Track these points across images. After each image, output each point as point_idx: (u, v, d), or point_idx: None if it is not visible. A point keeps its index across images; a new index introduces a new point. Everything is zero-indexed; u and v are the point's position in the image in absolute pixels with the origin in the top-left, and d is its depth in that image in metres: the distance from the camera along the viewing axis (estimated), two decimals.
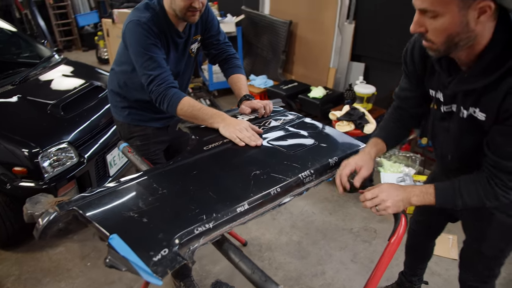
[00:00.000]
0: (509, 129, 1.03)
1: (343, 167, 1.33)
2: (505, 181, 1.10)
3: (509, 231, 1.35)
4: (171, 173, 1.30)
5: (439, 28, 0.99)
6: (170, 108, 1.58)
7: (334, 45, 3.91)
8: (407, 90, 1.40)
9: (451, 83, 1.13)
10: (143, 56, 1.55)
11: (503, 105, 1.01)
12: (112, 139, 2.74)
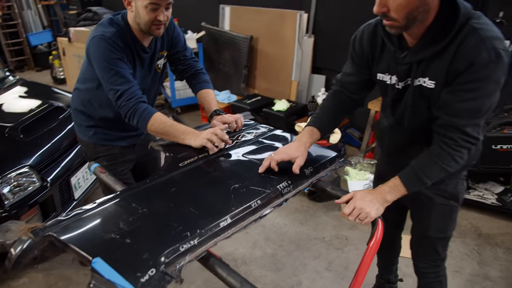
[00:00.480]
0: (458, 87, 1.14)
1: (277, 153, 1.37)
2: (457, 139, 1.19)
3: (447, 211, 1.48)
4: (149, 192, 1.28)
5: (402, 3, 1.08)
6: (141, 124, 1.55)
7: (295, 59, 4.02)
8: (352, 75, 1.47)
9: (406, 56, 1.24)
10: (109, 71, 1.52)
11: (450, 67, 1.14)
12: (76, 161, 2.64)
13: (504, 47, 1.09)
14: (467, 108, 1.15)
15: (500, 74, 1.11)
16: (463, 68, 1.11)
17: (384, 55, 1.34)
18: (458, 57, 1.11)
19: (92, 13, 4.68)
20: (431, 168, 1.24)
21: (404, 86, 1.32)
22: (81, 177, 2.71)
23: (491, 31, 1.10)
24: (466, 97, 1.14)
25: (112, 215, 1.15)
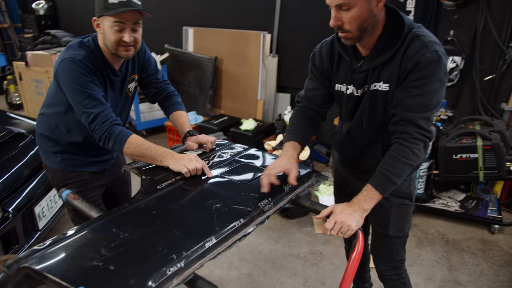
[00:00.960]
0: (408, 85, 1.30)
1: (271, 168, 1.40)
2: (412, 132, 1.31)
3: (403, 210, 1.59)
4: (128, 216, 1.24)
5: (353, 16, 1.24)
6: (116, 147, 1.52)
7: (260, 78, 4.09)
8: (315, 90, 1.56)
9: (362, 65, 1.38)
10: (81, 94, 1.49)
11: (400, 69, 1.31)
12: (40, 189, 2.52)
13: (442, 50, 1.28)
14: (417, 103, 1.30)
15: (442, 73, 1.28)
16: (411, 68, 1.28)
17: (341, 67, 1.47)
18: (405, 59, 1.29)
19: (51, 36, 4.55)
20: (396, 165, 1.33)
21: (362, 93, 1.44)
22: (45, 205, 2.58)
23: (431, 37, 1.29)
24: (415, 93, 1.29)
25: (92, 241, 1.10)
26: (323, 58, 1.50)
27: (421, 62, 1.26)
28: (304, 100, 1.61)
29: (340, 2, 1.23)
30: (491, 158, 2.60)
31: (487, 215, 2.82)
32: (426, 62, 1.25)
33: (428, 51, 1.25)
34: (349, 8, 1.23)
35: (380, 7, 1.27)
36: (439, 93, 1.30)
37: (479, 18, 2.84)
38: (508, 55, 2.81)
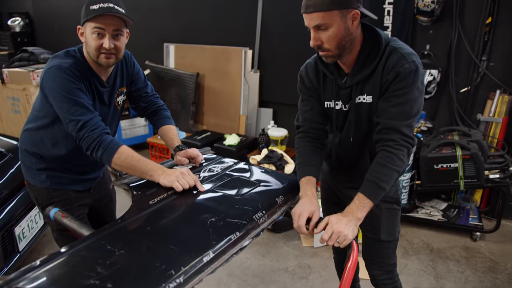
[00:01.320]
0: (390, 94, 1.37)
1: (298, 217, 1.39)
2: (396, 139, 1.37)
3: (393, 214, 1.64)
4: (122, 232, 1.22)
5: (331, 35, 1.31)
6: (105, 156, 1.47)
7: (242, 94, 4.12)
8: (312, 109, 1.59)
9: (347, 81, 1.45)
10: (68, 101, 1.45)
11: (382, 81, 1.38)
12: (20, 209, 2.44)
13: (419, 61, 1.36)
14: (399, 111, 1.36)
15: (419, 82, 1.36)
16: (392, 79, 1.35)
17: (327, 85, 1.53)
18: (386, 71, 1.36)
19: (28, 53, 4.47)
20: (384, 172, 1.38)
21: (350, 107, 1.50)
22: (25, 226, 2.49)
23: (407, 49, 1.37)
24: (397, 102, 1.36)
25: (87, 259, 1.08)
26: (311, 77, 1.55)
27: (400, 73, 1.33)
28: (304, 122, 1.61)
29: (318, 23, 1.29)
30: (470, 167, 2.69)
31: (468, 223, 2.90)
32: (405, 72, 1.33)
33: (406, 62, 1.33)
34: (326, 28, 1.30)
35: (356, 25, 1.33)
36: (419, 101, 1.38)
37: (453, 33, 2.97)
38: (481, 68, 2.94)
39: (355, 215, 1.35)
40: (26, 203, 2.48)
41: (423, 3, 2.87)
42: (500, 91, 2.91)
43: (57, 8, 5.53)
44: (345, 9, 1.28)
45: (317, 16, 1.28)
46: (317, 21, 1.29)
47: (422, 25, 3.05)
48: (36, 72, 4.21)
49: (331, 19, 1.28)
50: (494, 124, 2.97)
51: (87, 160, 1.60)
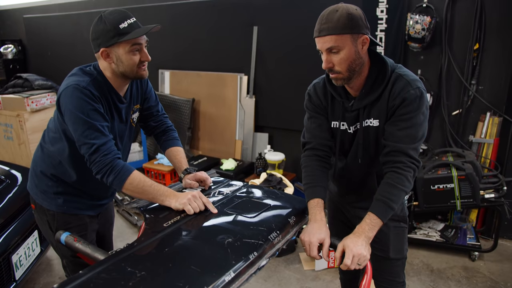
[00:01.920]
0: (396, 119, 1.44)
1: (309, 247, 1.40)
2: (404, 161, 1.42)
3: (400, 232, 1.68)
4: (141, 254, 1.22)
5: (343, 58, 1.38)
6: (117, 182, 1.46)
7: (238, 119, 4.17)
8: (320, 126, 1.62)
9: (353, 104, 1.51)
10: (83, 124, 1.43)
11: (388, 106, 1.45)
12: (17, 237, 2.39)
13: (423, 87, 1.44)
14: (406, 134, 1.43)
15: (424, 107, 1.43)
16: (398, 104, 1.42)
17: (335, 106, 1.59)
18: (392, 97, 1.43)
19: (23, 79, 4.46)
20: (393, 192, 1.42)
21: (355, 130, 1.55)
22: (22, 254, 2.44)
23: (412, 76, 1.45)
24: (403, 126, 1.43)
25: (108, 281, 1.07)
26: (319, 96, 1.61)
27: (406, 99, 1.40)
28: (312, 138, 1.63)
29: (330, 46, 1.36)
30: (466, 187, 2.75)
31: (466, 242, 2.94)
32: (411, 98, 1.40)
33: (412, 88, 1.40)
34: (338, 51, 1.37)
35: (365, 50, 1.41)
36: (424, 125, 1.45)
37: (443, 59, 3.09)
38: (471, 92, 3.05)
39: (367, 235, 1.37)
40: (23, 230, 2.44)
41: (414, 30, 3.00)
42: (490, 113, 3.02)
43: (51, 35, 5.58)
44: (356, 34, 1.35)
45: (330, 39, 1.36)
46: (330, 44, 1.36)
47: (413, 51, 3.17)
48: (31, 99, 4.20)
49: (343, 42, 1.35)
50: (486, 145, 3.06)
51: (104, 184, 1.59)
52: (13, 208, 2.47)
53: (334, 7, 1.37)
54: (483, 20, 2.92)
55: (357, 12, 1.36)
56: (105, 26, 1.46)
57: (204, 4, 4.18)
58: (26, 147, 4.33)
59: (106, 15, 1.48)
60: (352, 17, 1.34)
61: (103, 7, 4.95)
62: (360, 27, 1.36)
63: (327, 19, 1.36)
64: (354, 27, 1.34)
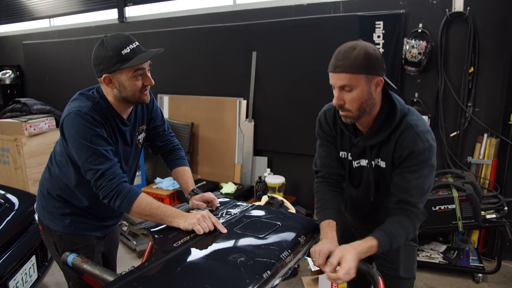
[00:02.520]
0: (404, 170, 1.43)
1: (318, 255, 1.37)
2: (414, 211, 1.43)
3: (411, 252, 1.68)
4: (153, 274, 1.20)
5: (355, 97, 1.36)
6: (124, 205, 1.46)
7: (237, 143, 4.19)
8: (330, 155, 1.62)
9: (359, 142, 1.50)
10: (87, 150, 1.43)
11: (395, 154, 1.44)
12: (14, 262, 2.34)
13: (432, 138, 1.42)
14: (413, 186, 1.41)
15: (433, 159, 1.42)
16: (406, 156, 1.40)
17: (343, 137, 1.58)
18: (400, 146, 1.42)
19: (21, 104, 4.47)
20: (400, 232, 1.41)
21: (357, 166, 1.55)
22: (20, 280, 2.38)
23: (422, 126, 1.42)
24: (410, 178, 1.41)
25: None
26: (329, 124, 1.60)
27: (414, 151, 1.39)
28: (323, 167, 1.64)
29: (343, 84, 1.35)
30: (467, 207, 2.76)
31: (469, 264, 2.92)
32: (419, 150, 1.38)
33: (421, 140, 1.39)
34: (351, 90, 1.36)
35: (378, 91, 1.40)
36: (431, 177, 1.44)
37: (439, 82, 3.16)
38: (468, 114, 3.11)
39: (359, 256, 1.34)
40: (21, 255, 2.38)
41: (410, 55, 3.08)
42: (488, 135, 3.07)
43: (49, 61, 5.63)
44: (371, 75, 1.34)
45: (344, 77, 1.34)
46: (343, 82, 1.35)
47: (410, 74, 3.25)
48: (29, 123, 4.20)
49: (356, 82, 1.34)
50: (485, 166, 3.10)
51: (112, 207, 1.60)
52: (11, 232, 2.42)
53: (352, 44, 1.35)
54: (476, 45, 3.01)
55: (375, 53, 1.34)
56: (107, 52, 1.44)
57: (203, 30, 4.27)
58: (22, 171, 4.29)
59: (108, 40, 1.46)
60: (370, 58, 1.32)
61: (103, 33, 5.02)
62: (376, 68, 1.34)
63: (343, 56, 1.34)
64: (370, 67, 1.33)
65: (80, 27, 5.34)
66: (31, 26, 5.97)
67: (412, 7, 3.19)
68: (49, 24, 5.74)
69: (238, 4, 4.11)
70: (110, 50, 1.44)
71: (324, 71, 1.47)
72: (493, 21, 2.96)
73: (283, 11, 3.78)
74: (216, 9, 4.22)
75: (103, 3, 5.01)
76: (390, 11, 3.24)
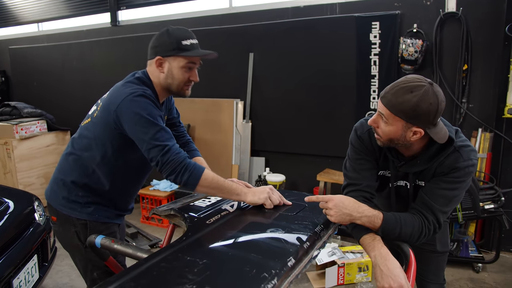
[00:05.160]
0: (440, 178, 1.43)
1: None
2: (430, 220, 1.42)
3: (438, 258, 1.73)
4: (196, 246, 1.21)
5: (386, 131, 1.37)
6: (192, 179, 1.44)
7: (234, 144, 4.19)
8: (370, 170, 1.57)
9: (402, 167, 1.50)
10: (154, 127, 1.43)
11: (435, 172, 1.45)
12: (18, 260, 2.26)
13: (476, 157, 1.43)
14: (442, 194, 1.42)
15: (469, 180, 1.43)
16: (447, 171, 1.41)
17: (386, 157, 1.55)
18: (441, 167, 1.42)
19: (11, 107, 4.37)
20: (408, 228, 1.41)
21: (395, 185, 1.58)
22: (23, 279, 2.30)
23: (467, 147, 1.42)
24: (443, 186, 1.42)
25: (171, 269, 1.05)
26: (374, 145, 1.54)
27: (456, 168, 1.39)
28: (362, 180, 1.55)
29: (383, 113, 1.34)
30: (466, 199, 2.84)
31: (469, 255, 3.00)
32: (460, 167, 1.39)
33: (463, 160, 1.39)
34: (386, 123, 1.35)
35: (416, 138, 1.35)
36: (460, 195, 1.45)
37: (434, 79, 3.27)
38: (462, 109, 3.22)
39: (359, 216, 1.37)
40: (24, 254, 2.32)
41: (407, 53, 3.18)
42: (482, 129, 3.19)
43: (38, 65, 5.52)
44: (410, 124, 1.31)
45: (385, 110, 1.33)
46: (383, 112, 1.34)
47: (405, 73, 3.34)
48: (20, 126, 4.10)
49: (393, 121, 1.33)
50: (480, 159, 3.20)
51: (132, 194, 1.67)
52: (13, 231, 2.36)
53: (413, 86, 1.27)
54: (469, 43, 3.14)
55: (428, 108, 1.26)
56: (169, 38, 1.52)
57: (199, 32, 4.25)
58: (12, 176, 4.17)
59: (173, 29, 1.54)
60: (417, 110, 1.26)
61: (95, 37, 5.00)
62: (418, 121, 1.29)
63: (395, 93, 1.29)
64: (412, 118, 1.29)
65: (70, 31, 5.28)
66: (18, 31, 5.86)
67: (407, 8, 3.31)
68: (37, 28, 5.64)
69: (235, 6, 4.16)
70: (172, 37, 1.52)
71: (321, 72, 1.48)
72: (484, 21, 3.11)
73: (280, 13, 3.86)
74: (212, 12, 4.26)
75: (95, 7, 4.97)
76: (385, 12, 3.35)
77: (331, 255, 2.92)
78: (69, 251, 1.72)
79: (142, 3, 4.66)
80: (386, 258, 1.30)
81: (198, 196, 1.73)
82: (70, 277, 3.04)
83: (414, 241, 1.43)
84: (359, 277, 2.80)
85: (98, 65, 4.99)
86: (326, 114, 3.73)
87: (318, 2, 3.67)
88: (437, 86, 1.31)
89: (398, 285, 1.24)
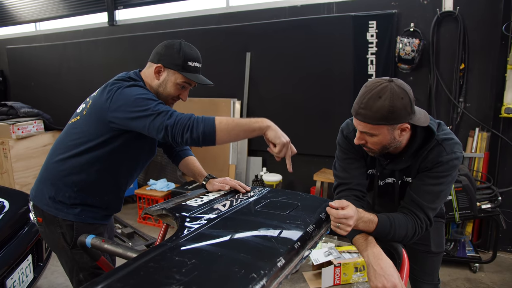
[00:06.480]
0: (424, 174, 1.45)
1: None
2: (421, 219, 1.44)
3: (439, 227, 1.72)
4: (185, 246, 1.18)
5: (376, 142, 1.38)
6: (208, 127, 1.40)
7: (231, 143, 4.18)
8: (359, 168, 1.59)
9: (388, 164, 1.53)
10: (152, 102, 1.42)
11: (420, 167, 1.47)
12: (11, 260, 2.25)
13: (460, 150, 1.44)
14: (427, 190, 1.43)
15: (455, 173, 1.44)
16: (430, 167, 1.43)
17: (372, 157, 1.56)
18: (425, 161, 1.44)
19: (7, 107, 4.35)
20: (402, 230, 1.42)
21: (383, 184, 1.58)
22: (17, 279, 2.29)
23: (450, 140, 1.43)
24: (428, 182, 1.43)
25: (159, 269, 1.03)
26: (356, 147, 1.56)
27: (440, 161, 1.41)
28: (352, 179, 1.58)
29: (365, 131, 1.36)
30: (463, 198, 2.83)
31: (466, 255, 2.99)
32: (443, 161, 1.40)
33: (446, 153, 1.40)
34: (372, 136, 1.37)
35: (404, 134, 1.38)
36: (447, 190, 1.46)
37: (431, 79, 3.27)
38: (460, 109, 3.21)
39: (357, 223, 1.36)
40: (18, 254, 2.31)
41: (404, 52, 3.17)
42: (479, 129, 3.18)
43: (35, 65, 5.52)
44: (394, 125, 1.32)
45: (364, 125, 1.34)
46: (364, 129, 1.35)
47: (403, 72, 3.34)
48: (17, 125, 4.09)
49: (378, 131, 1.34)
50: (477, 159, 3.19)
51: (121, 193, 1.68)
52: (6, 232, 2.35)
53: (379, 90, 1.28)
54: (466, 42, 3.13)
55: (402, 103, 1.28)
56: (177, 53, 1.56)
57: (196, 32, 4.28)
58: (9, 176, 4.16)
59: (185, 46, 1.59)
60: (394, 111, 1.28)
61: (92, 36, 4.99)
62: (400, 119, 1.30)
63: (366, 105, 1.30)
64: (393, 119, 1.30)
65: (68, 31, 5.27)
66: (16, 30, 5.86)
67: (404, 7, 3.31)
68: (35, 28, 5.64)
69: (232, 6, 4.15)
70: (181, 54, 1.57)
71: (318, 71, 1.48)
72: (481, 20, 3.10)
73: (277, 12, 3.85)
74: (209, 11, 4.26)
75: (93, 7, 4.97)
76: (382, 11, 3.34)
77: (328, 255, 2.91)
78: (56, 252, 1.71)
79: (139, 2, 4.66)
80: (379, 257, 1.30)
81: (191, 196, 1.72)
82: (66, 277, 3.02)
83: (408, 240, 1.44)
84: (356, 277, 2.79)
85: (95, 65, 4.98)
86: (323, 114, 3.72)
87: (315, 1, 3.66)
88: (397, 80, 1.33)
89: (391, 284, 1.23)
